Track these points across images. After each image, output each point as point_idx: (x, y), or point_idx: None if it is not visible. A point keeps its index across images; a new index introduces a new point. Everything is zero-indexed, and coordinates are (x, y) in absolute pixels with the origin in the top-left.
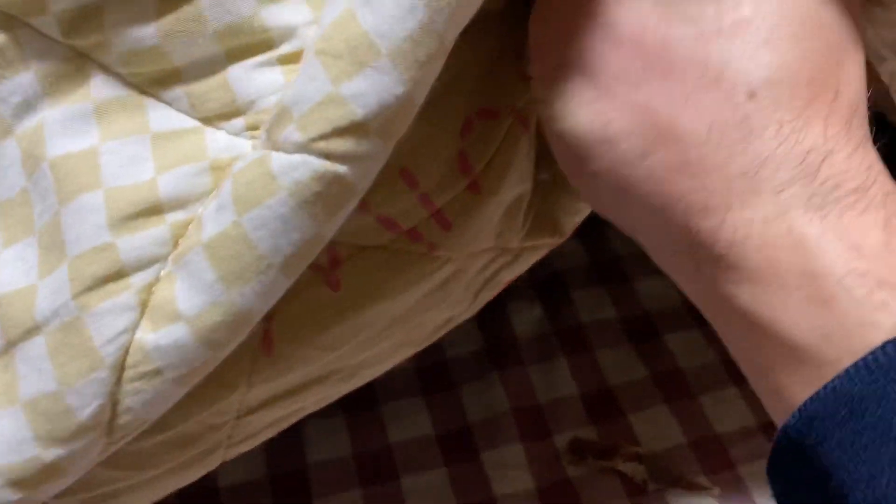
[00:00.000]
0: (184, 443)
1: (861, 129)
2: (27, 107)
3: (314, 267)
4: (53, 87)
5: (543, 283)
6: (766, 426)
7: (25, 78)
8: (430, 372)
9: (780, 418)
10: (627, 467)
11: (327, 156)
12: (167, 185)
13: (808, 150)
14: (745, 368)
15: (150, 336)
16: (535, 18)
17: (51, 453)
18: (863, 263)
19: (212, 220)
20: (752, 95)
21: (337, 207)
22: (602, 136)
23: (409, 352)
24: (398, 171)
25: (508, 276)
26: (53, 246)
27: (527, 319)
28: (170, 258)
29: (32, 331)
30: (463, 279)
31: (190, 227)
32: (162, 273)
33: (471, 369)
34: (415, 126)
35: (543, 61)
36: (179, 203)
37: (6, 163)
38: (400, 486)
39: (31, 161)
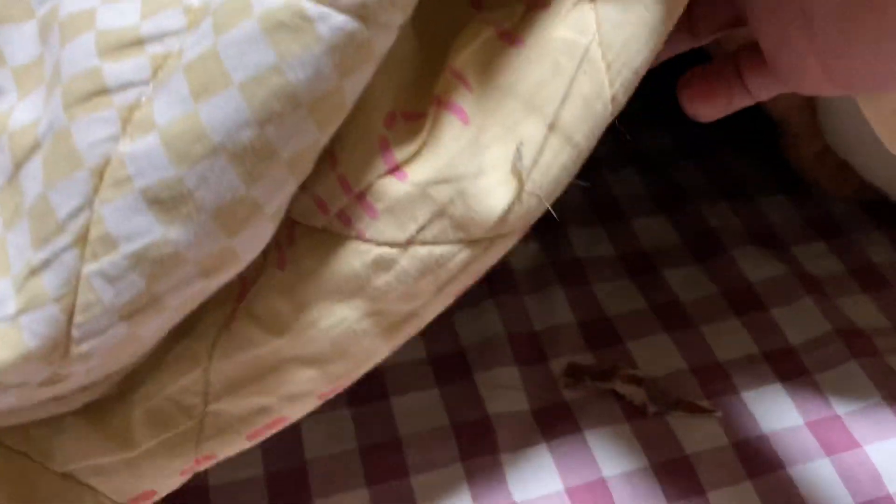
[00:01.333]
0: (156, 421)
1: None
2: None
3: (277, 245)
4: None
5: (540, 221)
6: (771, 355)
7: None
8: None
9: None
10: (626, 389)
11: None
12: (148, 25)
13: None
14: None
15: (128, 147)
16: None
17: (37, 256)
18: None
19: (193, 47)
20: None
21: (294, 41)
22: None
23: (379, 345)
24: (326, 151)
25: (480, 268)
26: (55, 81)
27: (522, 253)
28: (151, 84)
29: (34, 148)
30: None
31: (169, 59)
32: (143, 98)
33: (464, 296)
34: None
35: None
36: (157, 37)
37: (26, 38)
38: (390, 406)
39: (46, 29)
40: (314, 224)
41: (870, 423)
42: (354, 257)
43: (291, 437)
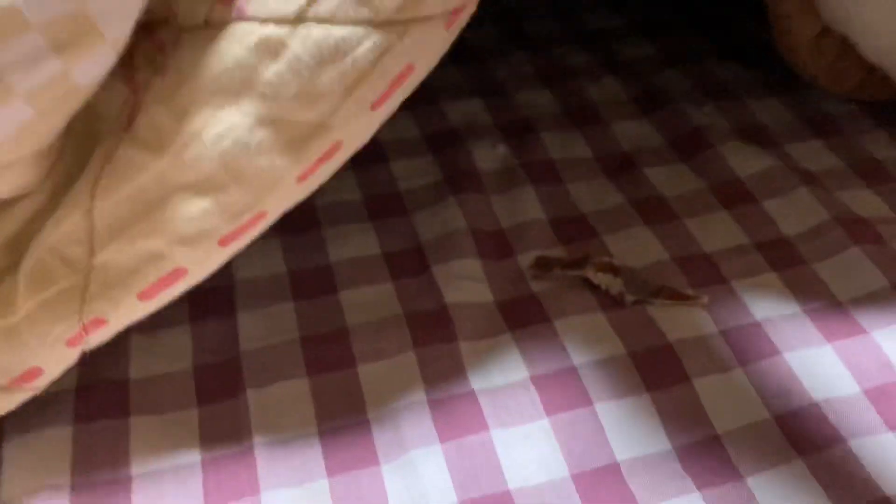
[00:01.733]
0: (37, 278)
1: None
2: None
3: (164, 57)
4: None
5: (509, 125)
6: (763, 245)
7: None
8: (380, 200)
9: None
10: (600, 279)
11: None
12: None
13: None
14: None
15: None
16: None
17: None
18: None
19: None
20: None
21: None
22: None
23: (281, 166)
24: None
25: (396, 67)
26: None
27: (490, 156)
28: None
29: None
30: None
31: None
32: None
33: (426, 197)
34: None
35: None
36: None
37: None
38: (338, 300)
39: None
40: (197, 21)
41: (877, 310)
42: (236, 43)
43: (226, 329)
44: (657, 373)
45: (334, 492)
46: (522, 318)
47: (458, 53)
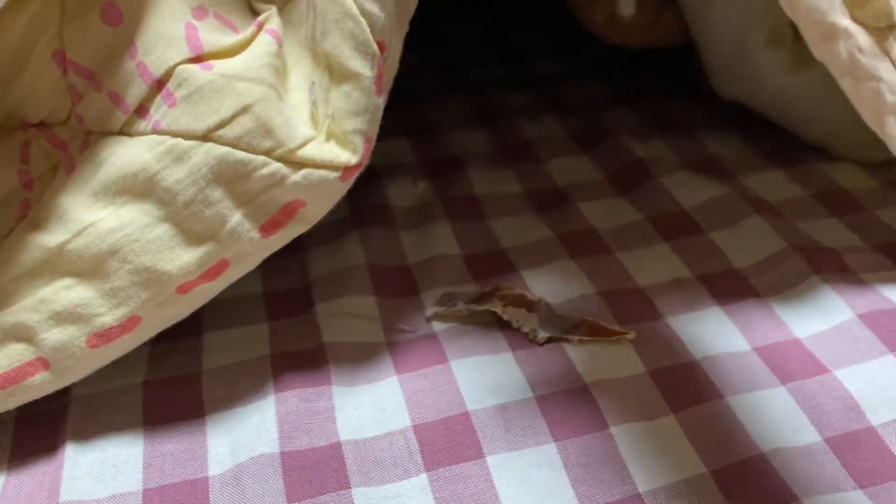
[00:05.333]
0: None
1: None
2: None
3: (68, 157)
4: None
5: (435, 163)
6: (708, 277)
7: None
8: None
9: None
10: (510, 313)
11: None
12: None
13: None
14: None
15: None
16: None
17: None
18: None
19: None
20: None
21: None
22: None
23: (171, 266)
24: (125, 47)
25: (287, 197)
26: None
27: (408, 193)
28: None
29: None
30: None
31: None
32: None
33: (327, 233)
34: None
35: None
36: None
37: None
38: (201, 341)
39: None
40: (111, 129)
41: (842, 345)
42: (147, 150)
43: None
44: (566, 417)
45: None
46: (414, 361)
47: (393, 100)
